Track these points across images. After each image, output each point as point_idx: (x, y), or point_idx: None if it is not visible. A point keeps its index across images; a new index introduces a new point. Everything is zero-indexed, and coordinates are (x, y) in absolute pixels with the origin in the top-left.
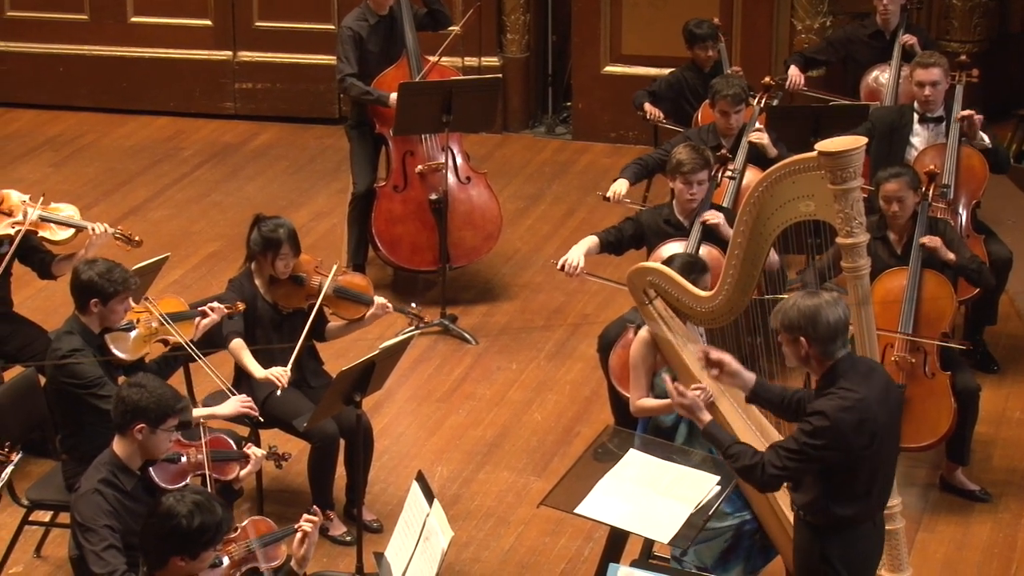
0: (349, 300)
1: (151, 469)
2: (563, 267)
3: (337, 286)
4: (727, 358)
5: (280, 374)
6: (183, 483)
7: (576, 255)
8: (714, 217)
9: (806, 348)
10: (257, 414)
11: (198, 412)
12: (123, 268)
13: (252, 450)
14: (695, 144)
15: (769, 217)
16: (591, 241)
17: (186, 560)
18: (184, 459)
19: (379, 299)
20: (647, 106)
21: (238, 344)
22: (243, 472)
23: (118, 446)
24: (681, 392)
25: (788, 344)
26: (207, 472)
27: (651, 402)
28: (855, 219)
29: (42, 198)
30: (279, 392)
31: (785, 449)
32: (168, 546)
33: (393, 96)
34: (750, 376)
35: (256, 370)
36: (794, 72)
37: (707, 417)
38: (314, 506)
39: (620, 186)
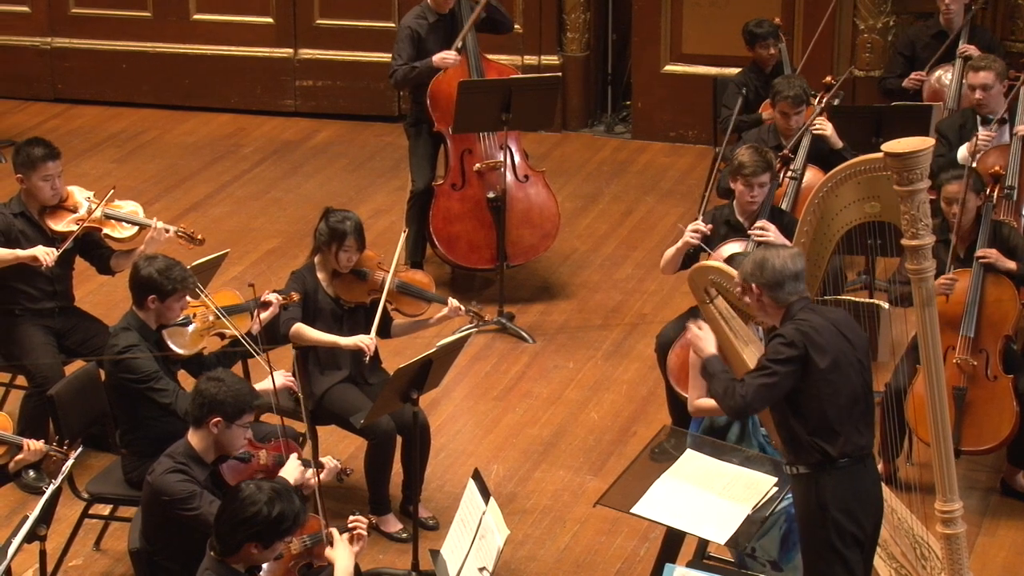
0: (411, 296)
1: (221, 466)
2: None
3: (400, 282)
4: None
5: (369, 342)
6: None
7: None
8: (762, 233)
9: (758, 294)
10: (298, 390)
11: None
12: (182, 266)
13: (327, 459)
14: (758, 146)
15: (834, 218)
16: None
17: (259, 548)
18: (254, 459)
19: (453, 301)
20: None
21: (299, 328)
22: (314, 480)
23: (193, 438)
24: (700, 326)
25: (747, 294)
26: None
27: (710, 402)
28: (921, 221)
29: (112, 191)
30: (366, 359)
31: (752, 374)
32: (246, 533)
33: (437, 57)
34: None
35: (338, 339)
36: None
37: (710, 351)
38: (369, 514)
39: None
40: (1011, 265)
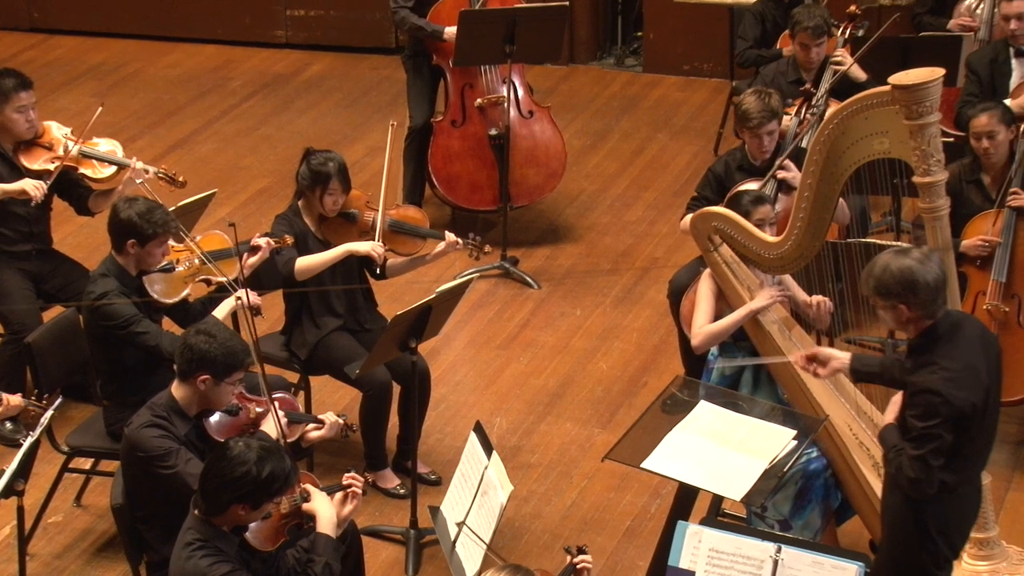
0: (405, 235)
1: (207, 420)
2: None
3: (392, 220)
4: (822, 353)
5: (380, 249)
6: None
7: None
8: (787, 170)
9: (907, 314)
10: (248, 299)
11: (217, 312)
12: (164, 209)
13: (327, 416)
14: (761, 90)
15: (841, 156)
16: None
17: (247, 509)
18: (242, 412)
19: (450, 235)
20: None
21: (303, 262)
22: (315, 435)
23: (177, 391)
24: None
25: (886, 310)
26: (280, 430)
27: (716, 325)
28: (933, 156)
29: (99, 110)
30: (377, 268)
31: (912, 445)
32: (234, 493)
33: (448, 30)
34: (846, 356)
35: (348, 245)
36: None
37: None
38: (364, 472)
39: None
40: None
